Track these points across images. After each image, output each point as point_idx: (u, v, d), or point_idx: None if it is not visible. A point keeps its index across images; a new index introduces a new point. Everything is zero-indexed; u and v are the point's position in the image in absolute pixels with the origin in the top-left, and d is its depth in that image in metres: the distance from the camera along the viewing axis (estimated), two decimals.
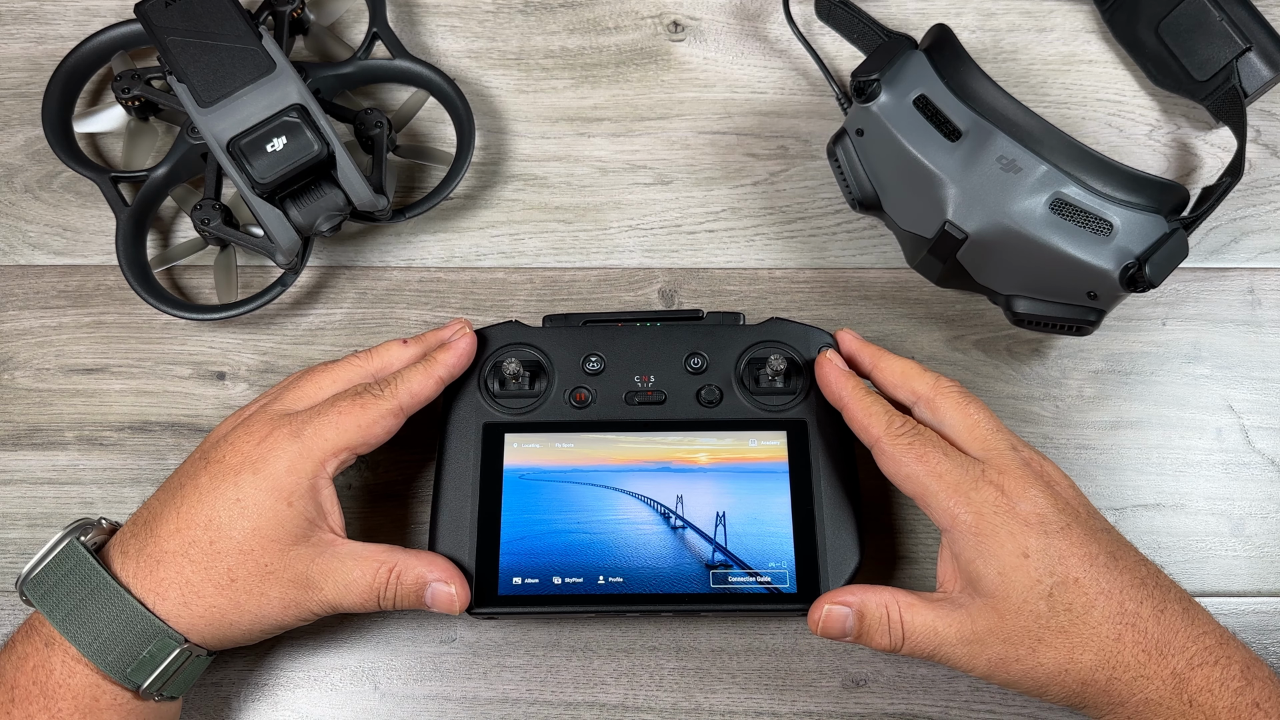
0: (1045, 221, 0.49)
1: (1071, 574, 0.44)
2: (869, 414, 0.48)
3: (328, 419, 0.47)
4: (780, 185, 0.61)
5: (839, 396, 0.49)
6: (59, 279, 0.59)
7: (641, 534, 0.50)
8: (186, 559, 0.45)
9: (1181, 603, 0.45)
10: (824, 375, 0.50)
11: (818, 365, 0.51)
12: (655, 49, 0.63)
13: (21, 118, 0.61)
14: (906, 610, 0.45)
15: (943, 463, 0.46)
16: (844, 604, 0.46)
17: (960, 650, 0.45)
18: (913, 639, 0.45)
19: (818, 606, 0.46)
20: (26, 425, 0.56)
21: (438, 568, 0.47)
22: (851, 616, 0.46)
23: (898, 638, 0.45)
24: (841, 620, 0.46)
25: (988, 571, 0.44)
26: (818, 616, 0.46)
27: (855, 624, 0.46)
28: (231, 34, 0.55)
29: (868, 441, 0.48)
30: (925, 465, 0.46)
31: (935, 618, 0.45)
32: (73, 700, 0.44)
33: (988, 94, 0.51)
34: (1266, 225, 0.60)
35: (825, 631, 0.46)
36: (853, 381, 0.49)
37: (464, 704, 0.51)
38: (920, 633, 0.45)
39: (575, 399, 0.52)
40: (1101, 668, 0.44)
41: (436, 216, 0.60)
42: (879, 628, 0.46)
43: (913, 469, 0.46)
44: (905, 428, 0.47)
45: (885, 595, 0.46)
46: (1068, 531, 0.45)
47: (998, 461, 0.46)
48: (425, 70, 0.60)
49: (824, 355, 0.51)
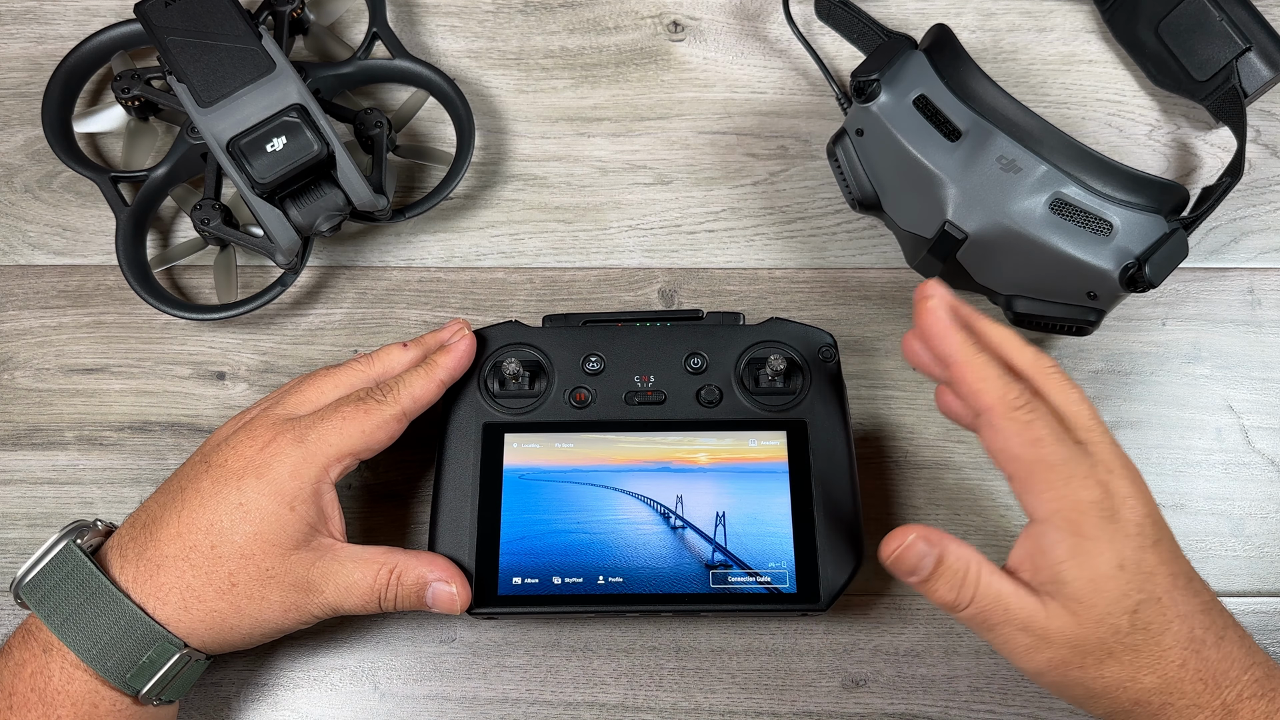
0: (1045, 221, 0.49)
1: (1157, 593, 0.42)
2: (983, 377, 0.42)
3: (331, 424, 0.47)
4: (780, 185, 0.61)
5: (947, 352, 0.43)
6: (59, 279, 0.59)
7: (641, 534, 0.50)
8: (187, 563, 0.45)
9: (1236, 630, 0.43)
10: (930, 324, 0.43)
11: (919, 311, 0.43)
12: (655, 49, 0.63)
13: (21, 118, 0.61)
14: (985, 574, 0.42)
15: (1055, 450, 0.41)
16: (928, 541, 0.42)
17: (1021, 639, 0.42)
18: (979, 605, 0.42)
19: (898, 536, 0.42)
20: (26, 425, 0.56)
21: (438, 568, 0.47)
22: (931, 557, 0.42)
23: (965, 597, 0.42)
24: (920, 558, 0.42)
25: (1079, 576, 0.41)
26: (896, 546, 0.42)
27: (930, 566, 0.42)
28: (231, 34, 0.55)
29: (976, 408, 0.43)
30: (1036, 450, 0.41)
31: (1010, 594, 0.42)
32: (72, 706, 0.44)
33: (988, 94, 0.51)
34: (1266, 225, 0.60)
35: (897, 563, 0.42)
36: (963, 335, 0.43)
37: (464, 704, 0.51)
38: (989, 602, 0.42)
39: (575, 399, 0.52)
40: (1160, 691, 0.42)
41: (436, 216, 0.60)
42: (953, 580, 0.42)
43: (1021, 451, 0.42)
44: (1022, 400, 0.42)
45: (969, 551, 0.42)
46: (1159, 546, 0.42)
47: (1105, 458, 0.42)
48: (425, 70, 0.60)
49: (927, 300, 0.43)
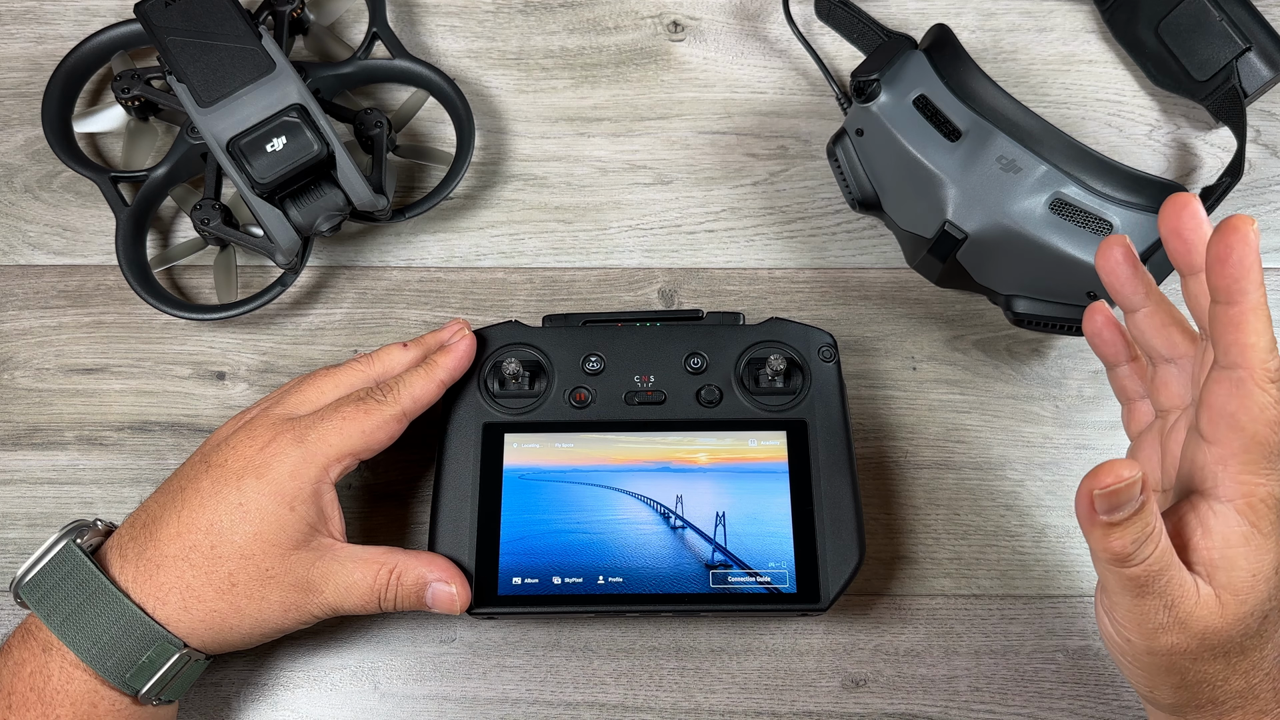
0: (1045, 221, 0.49)
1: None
2: (1257, 330, 0.36)
3: (331, 424, 0.47)
4: (780, 185, 0.61)
5: (1247, 278, 0.36)
6: (59, 279, 0.59)
7: (641, 534, 0.50)
8: (187, 563, 0.45)
9: None
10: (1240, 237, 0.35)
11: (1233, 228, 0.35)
12: (655, 49, 0.63)
13: (21, 118, 0.61)
14: (1166, 538, 0.38)
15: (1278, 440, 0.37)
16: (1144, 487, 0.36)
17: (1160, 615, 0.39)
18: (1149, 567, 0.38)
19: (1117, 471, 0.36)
20: (26, 425, 0.56)
21: (438, 568, 0.47)
22: (1137, 503, 0.37)
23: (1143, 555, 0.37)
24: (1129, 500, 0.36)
25: (1245, 568, 0.38)
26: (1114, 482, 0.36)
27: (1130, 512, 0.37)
28: (231, 34, 0.55)
29: (1226, 357, 0.37)
30: (1268, 430, 0.37)
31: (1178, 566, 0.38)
32: (71, 706, 0.44)
33: (988, 94, 0.51)
34: (1266, 225, 0.60)
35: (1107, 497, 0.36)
36: (1261, 275, 0.36)
37: (464, 704, 0.51)
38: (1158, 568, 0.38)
39: (575, 399, 0.52)
40: (1240, 695, 0.41)
41: (436, 216, 0.60)
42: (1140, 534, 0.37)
43: (1250, 425, 0.37)
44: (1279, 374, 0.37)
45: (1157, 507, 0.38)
46: None
47: None
48: (425, 70, 0.60)
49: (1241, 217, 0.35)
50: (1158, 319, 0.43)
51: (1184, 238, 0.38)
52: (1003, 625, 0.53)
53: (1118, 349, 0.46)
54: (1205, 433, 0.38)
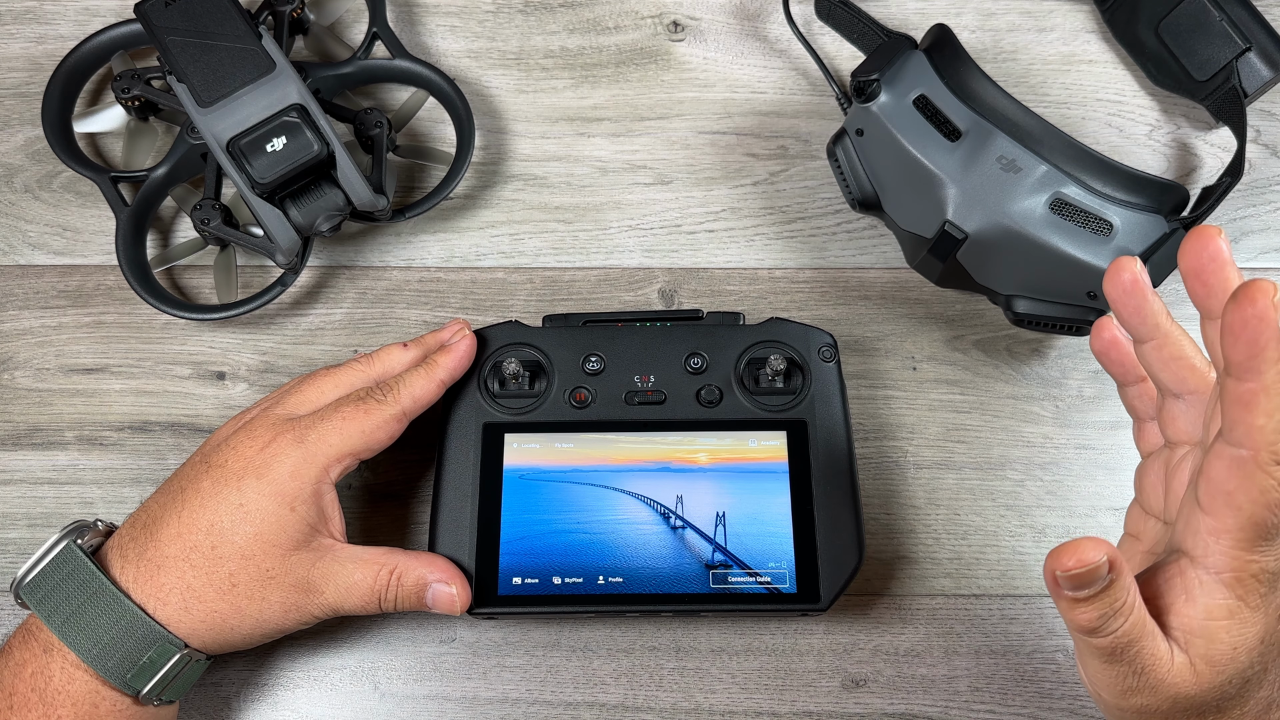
0: (1045, 221, 0.49)
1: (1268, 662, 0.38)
2: (1268, 411, 0.33)
3: (331, 424, 0.47)
4: (780, 185, 0.61)
5: (1264, 357, 0.32)
6: (59, 279, 0.59)
7: (641, 534, 0.50)
8: (188, 564, 0.45)
9: None
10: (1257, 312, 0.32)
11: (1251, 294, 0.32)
12: (655, 49, 0.63)
13: (21, 118, 0.61)
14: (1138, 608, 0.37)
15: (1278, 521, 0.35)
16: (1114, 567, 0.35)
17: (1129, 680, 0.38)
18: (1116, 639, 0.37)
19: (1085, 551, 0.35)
20: (26, 425, 0.56)
21: (438, 568, 0.47)
22: (1106, 580, 0.35)
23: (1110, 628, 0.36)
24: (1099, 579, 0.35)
25: (1226, 642, 0.37)
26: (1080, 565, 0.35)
27: (1102, 588, 0.36)
28: (231, 34, 0.55)
29: (1229, 434, 0.34)
30: (1267, 514, 0.34)
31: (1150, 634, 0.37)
32: (72, 707, 0.44)
33: (988, 94, 0.51)
34: (1266, 225, 0.60)
35: (1074, 579, 0.35)
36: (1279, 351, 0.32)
37: (464, 704, 0.51)
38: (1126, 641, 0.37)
39: (575, 399, 0.52)
40: None
41: (436, 216, 0.60)
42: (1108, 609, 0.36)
43: (1250, 507, 0.34)
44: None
45: (1132, 580, 0.37)
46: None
47: None
48: (425, 70, 0.60)
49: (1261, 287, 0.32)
50: (1167, 352, 0.39)
51: (1205, 281, 0.35)
52: (1003, 625, 0.53)
53: (1125, 369, 0.44)
54: (1202, 503, 0.36)
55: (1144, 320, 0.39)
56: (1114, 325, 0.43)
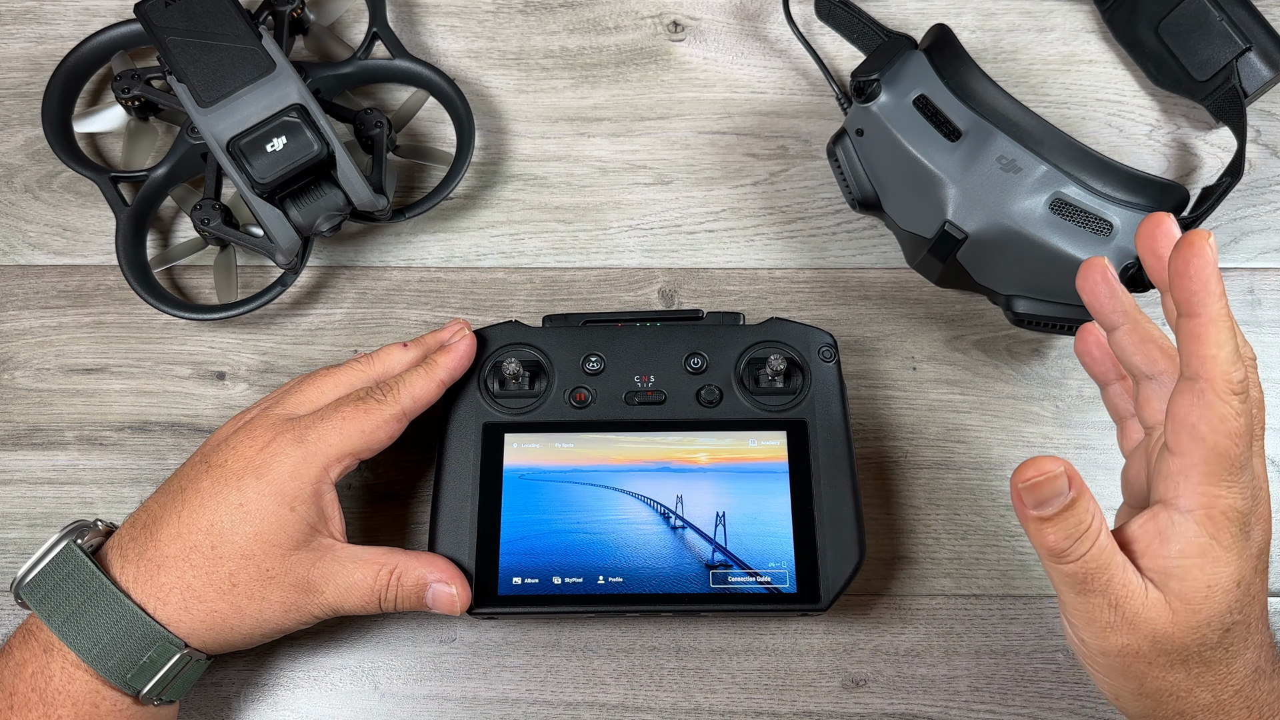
0: (1045, 221, 0.49)
1: (1250, 619, 0.40)
2: (1217, 342, 0.37)
3: (331, 424, 0.47)
4: (780, 185, 0.61)
5: (1206, 290, 0.36)
6: (59, 279, 0.59)
7: (641, 534, 0.50)
8: (188, 564, 0.45)
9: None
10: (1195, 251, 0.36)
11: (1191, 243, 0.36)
12: (655, 49, 0.63)
13: (21, 118, 0.61)
14: (1104, 534, 0.39)
15: (1241, 451, 0.38)
16: (1070, 480, 0.38)
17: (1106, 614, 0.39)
18: (1085, 564, 0.39)
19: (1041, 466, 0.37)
20: (26, 425, 0.56)
21: (438, 568, 0.47)
22: (1066, 498, 0.38)
23: (1078, 551, 0.38)
24: (1055, 494, 0.38)
25: (1199, 580, 0.39)
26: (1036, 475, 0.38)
27: (1060, 506, 0.38)
28: (231, 34, 0.55)
29: (1190, 369, 0.37)
30: (1227, 442, 0.37)
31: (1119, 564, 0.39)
32: (73, 707, 0.44)
33: (988, 94, 0.51)
34: (1266, 225, 0.60)
35: (1031, 490, 0.38)
36: (1222, 286, 0.37)
37: (464, 704, 0.51)
38: (1096, 565, 0.39)
39: (575, 399, 0.52)
40: (1209, 710, 0.41)
41: (436, 216, 0.60)
42: (1073, 529, 0.38)
43: (1211, 436, 0.37)
44: (1242, 386, 0.37)
45: (1096, 505, 0.39)
46: (1263, 576, 0.41)
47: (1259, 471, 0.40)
48: (425, 70, 0.60)
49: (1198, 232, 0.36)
50: (1136, 335, 0.43)
51: (1158, 255, 0.39)
52: (1003, 625, 0.53)
53: (1106, 368, 0.47)
54: (1170, 442, 0.39)
55: (1114, 308, 0.43)
56: (1095, 328, 0.46)
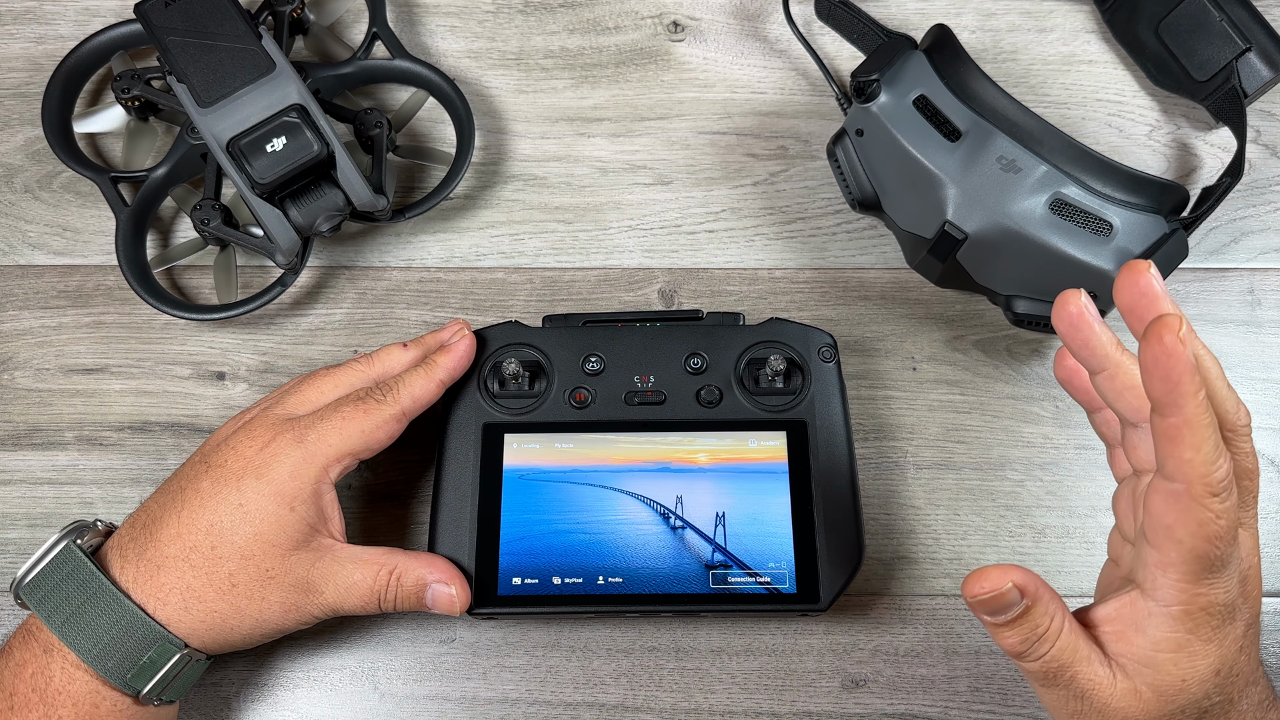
0: (1045, 222, 0.49)
1: (1233, 695, 0.39)
2: (1200, 442, 0.34)
3: (331, 424, 0.47)
4: (780, 185, 0.61)
5: (1180, 391, 0.33)
6: (59, 279, 0.59)
7: (641, 534, 0.50)
8: (188, 564, 0.45)
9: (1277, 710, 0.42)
10: (1165, 349, 0.33)
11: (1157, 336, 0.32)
12: (655, 49, 0.63)
13: (21, 118, 0.61)
14: (1066, 631, 0.38)
15: (1224, 551, 0.36)
16: (1023, 590, 0.37)
17: (1073, 704, 0.39)
18: (1046, 663, 0.38)
19: (992, 579, 0.37)
20: (26, 425, 0.56)
21: (438, 569, 0.47)
22: (1020, 607, 0.38)
23: (1037, 652, 0.38)
24: (1009, 606, 0.37)
25: (1175, 674, 0.38)
26: (988, 590, 0.37)
27: (1016, 614, 0.38)
28: (231, 34, 0.55)
29: (1168, 470, 0.35)
30: (1209, 546, 0.35)
31: (1084, 659, 0.38)
32: (73, 707, 0.44)
33: (988, 94, 0.51)
34: (1266, 225, 0.60)
35: (982, 605, 0.38)
36: (1199, 380, 0.33)
37: (464, 704, 0.51)
38: (1058, 664, 0.38)
39: (575, 399, 0.52)
40: None
41: (436, 216, 0.60)
42: (1031, 633, 0.38)
43: (1192, 541, 0.35)
44: (1225, 484, 0.35)
45: (1057, 603, 0.38)
46: (1250, 647, 0.39)
47: (1248, 548, 0.38)
48: (425, 70, 0.60)
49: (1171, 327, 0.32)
50: (1119, 382, 0.38)
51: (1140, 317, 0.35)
52: None
53: (1089, 397, 0.44)
54: (1148, 537, 0.37)
55: (1093, 352, 0.38)
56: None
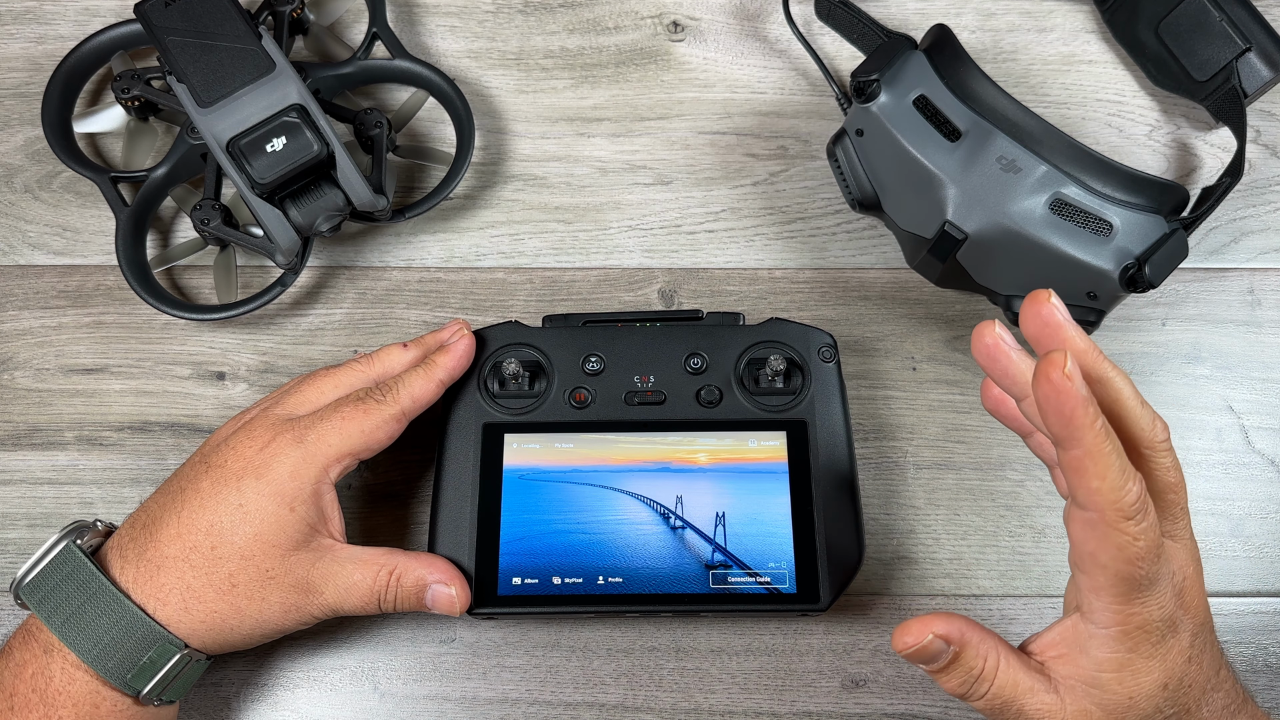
0: (1045, 222, 0.49)
1: (1188, 705, 0.40)
2: (1104, 471, 0.35)
3: (331, 424, 0.47)
4: (780, 185, 0.61)
5: (1074, 425, 0.34)
6: (59, 279, 0.59)
7: (641, 534, 0.50)
8: (188, 564, 0.45)
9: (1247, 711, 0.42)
10: (1054, 387, 0.34)
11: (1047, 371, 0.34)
12: (655, 49, 0.63)
13: (21, 118, 0.61)
14: (1003, 667, 0.40)
15: (1148, 570, 0.37)
16: (946, 639, 0.39)
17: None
18: (989, 700, 0.40)
19: (915, 631, 0.39)
20: (26, 425, 0.56)
21: (438, 569, 0.47)
22: (948, 654, 0.40)
23: (979, 691, 0.40)
24: (936, 655, 0.40)
25: (1120, 690, 0.39)
26: (913, 642, 0.39)
27: (947, 660, 0.40)
28: (231, 34, 0.55)
29: (1080, 500, 0.36)
30: (1130, 568, 0.36)
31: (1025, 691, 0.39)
32: (73, 707, 0.44)
33: (987, 94, 0.51)
34: (1266, 225, 0.60)
35: (912, 656, 0.40)
36: (1094, 410, 0.34)
37: (464, 704, 0.51)
38: (1002, 698, 0.39)
39: (575, 399, 0.52)
40: None
41: (436, 216, 0.60)
42: (968, 675, 0.40)
43: (1113, 564, 0.36)
44: (1137, 507, 0.35)
45: (989, 644, 0.40)
46: (1201, 656, 0.40)
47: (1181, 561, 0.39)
48: (425, 70, 0.60)
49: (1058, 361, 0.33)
50: None
51: (1043, 345, 0.36)
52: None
53: (1020, 423, 0.44)
54: (1074, 563, 0.38)
55: (1014, 380, 0.38)
56: (992, 387, 0.44)
